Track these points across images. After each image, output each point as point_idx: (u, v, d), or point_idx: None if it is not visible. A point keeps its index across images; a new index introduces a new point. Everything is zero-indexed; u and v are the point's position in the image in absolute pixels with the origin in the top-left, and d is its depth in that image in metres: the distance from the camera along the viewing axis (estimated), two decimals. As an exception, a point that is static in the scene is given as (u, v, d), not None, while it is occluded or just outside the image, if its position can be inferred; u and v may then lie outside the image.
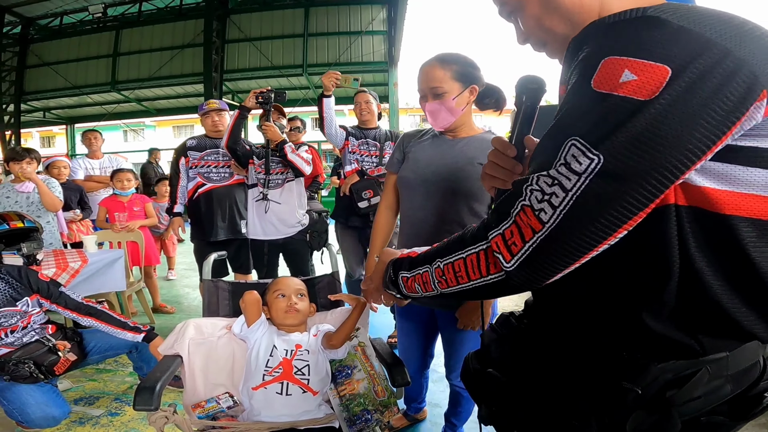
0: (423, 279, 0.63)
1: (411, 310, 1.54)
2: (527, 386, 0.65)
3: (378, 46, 9.78)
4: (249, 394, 1.24)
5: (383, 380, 1.26)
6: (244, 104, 2.36)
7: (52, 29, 10.75)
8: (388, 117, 10.50)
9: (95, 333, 1.93)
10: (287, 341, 1.30)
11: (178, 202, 2.72)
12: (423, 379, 1.77)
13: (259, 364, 1.25)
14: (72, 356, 1.79)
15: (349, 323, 1.30)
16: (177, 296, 3.93)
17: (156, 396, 1.05)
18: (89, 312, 1.81)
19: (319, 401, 1.26)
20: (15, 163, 2.71)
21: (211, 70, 9.54)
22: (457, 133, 1.38)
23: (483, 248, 0.55)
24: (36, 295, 1.77)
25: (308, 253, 2.60)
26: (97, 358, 1.93)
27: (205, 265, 1.56)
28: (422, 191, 1.32)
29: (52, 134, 19.82)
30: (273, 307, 1.37)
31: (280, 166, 2.47)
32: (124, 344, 1.90)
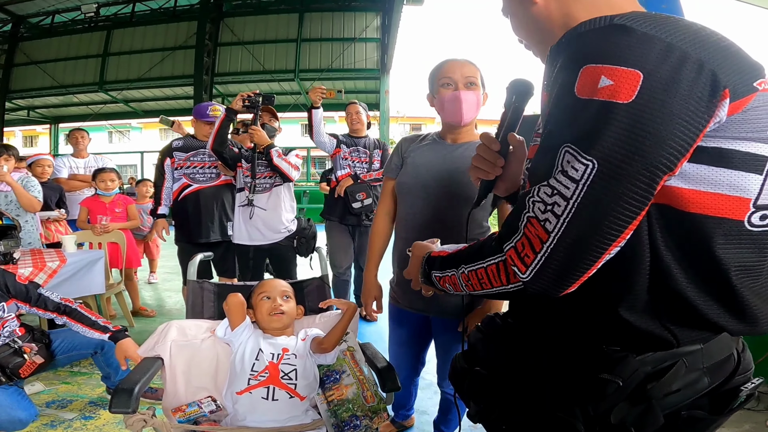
0: (452, 281, 0.68)
1: (404, 317, 1.52)
2: (512, 382, 0.67)
3: (371, 53, 9.85)
4: (233, 398, 1.20)
5: (372, 386, 1.23)
6: (231, 107, 2.31)
7: (42, 28, 10.63)
8: (378, 125, 10.54)
9: (60, 333, 1.87)
10: (273, 345, 1.27)
11: (163, 203, 2.65)
12: (412, 386, 1.75)
13: (244, 368, 1.22)
14: (39, 359, 1.73)
15: (340, 326, 1.28)
16: (158, 299, 3.84)
17: (134, 398, 1.01)
18: (66, 311, 1.75)
19: (306, 406, 1.22)
20: None
21: (202, 73, 9.50)
22: (458, 138, 1.37)
23: (501, 260, 0.58)
24: (12, 300, 1.70)
25: (295, 258, 2.55)
26: (63, 359, 1.86)
27: (191, 266, 1.52)
28: (422, 196, 1.30)
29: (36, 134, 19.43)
30: (258, 310, 1.33)
31: (268, 170, 2.42)
32: (88, 344, 1.83)
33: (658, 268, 0.53)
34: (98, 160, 3.82)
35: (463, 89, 1.25)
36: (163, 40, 10.17)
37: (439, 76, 1.28)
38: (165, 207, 2.66)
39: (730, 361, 0.60)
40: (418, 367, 1.67)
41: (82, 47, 10.52)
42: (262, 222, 2.40)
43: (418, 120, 21.02)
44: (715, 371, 0.58)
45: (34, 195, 2.74)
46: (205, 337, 1.34)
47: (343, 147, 2.89)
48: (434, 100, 1.33)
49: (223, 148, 2.36)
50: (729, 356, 0.59)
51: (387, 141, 10.09)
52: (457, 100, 1.25)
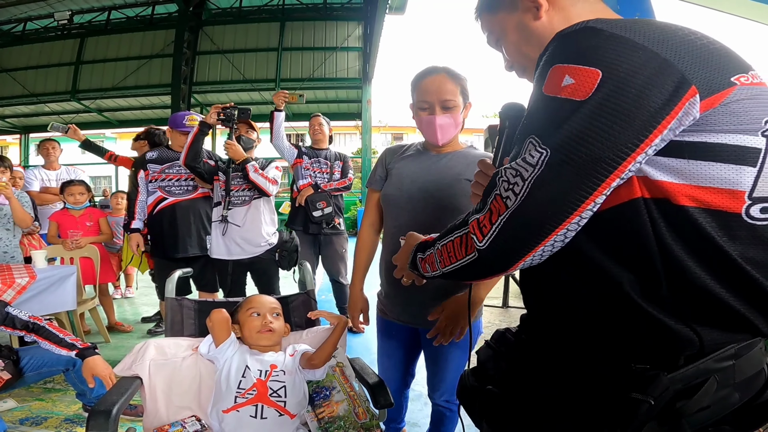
0: (430, 260, 0.70)
1: (392, 329, 1.49)
2: (530, 402, 0.65)
3: (353, 62, 9.84)
4: (219, 417, 1.15)
5: (364, 401, 1.20)
6: (205, 120, 2.24)
7: (14, 35, 10.26)
8: (361, 134, 10.54)
9: (29, 350, 1.80)
10: (261, 361, 1.22)
11: (136, 217, 2.56)
12: (403, 399, 1.71)
13: (230, 386, 1.16)
14: (5, 375, 1.66)
15: (330, 341, 1.24)
16: (135, 314, 3.70)
17: (112, 420, 0.97)
18: (34, 329, 1.67)
19: (297, 425, 1.18)
20: None
21: (180, 82, 9.29)
22: (442, 149, 1.36)
23: (465, 232, 0.61)
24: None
25: (277, 272, 2.49)
26: (33, 376, 1.79)
27: (169, 283, 1.45)
28: (409, 208, 1.28)
29: (5, 144, 18.69)
30: (246, 326, 1.28)
31: (246, 183, 2.36)
32: (58, 361, 1.76)
33: (671, 264, 0.52)
34: (70, 171, 3.69)
35: (439, 113, 1.24)
36: (140, 48, 9.92)
37: (417, 96, 1.27)
38: (139, 221, 2.56)
39: (761, 376, 0.59)
40: (408, 380, 1.64)
41: (54, 55, 10.17)
42: (240, 236, 2.34)
43: (400, 129, 21.16)
44: (746, 386, 0.57)
45: (28, 211, 2.67)
46: (186, 356, 1.28)
47: (305, 158, 3.02)
48: (415, 116, 1.33)
49: (197, 162, 2.28)
50: (760, 371, 0.58)
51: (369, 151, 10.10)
52: (432, 124, 1.25)
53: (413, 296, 1.35)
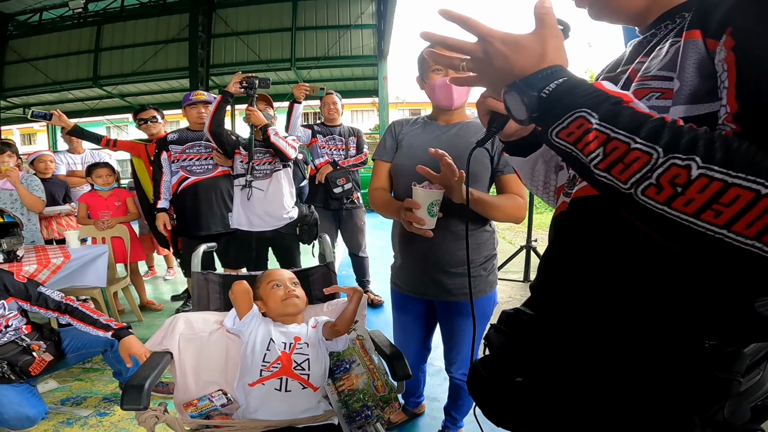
0: (626, 157, 0.44)
1: (407, 302, 1.51)
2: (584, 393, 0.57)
3: (367, 39, 9.68)
4: (245, 390, 1.18)
5: (383, 375, 1.22)
6: (227, 89, 2.30)
7: (31, 25, 10.44)
8: (378, 111, 10.45)
9: (70, 331, 1.87)
10: (285, 334, 1.24)
11: (162, 197, 2.63)
12: (421, 373, 1.75)
13: (256, 359, 1.19)
14: (48, 356, 1.74)
15: (350, 308, 1.25)
16: (166, 293, 3.83)
17: (145, 395, 0.99)
18: (67, 310, 1.74)
19: (319, 397, 1.21)
20: None
21: (197, 65, 9.36)
22: (451, 119, 1.37)
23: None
24: (12, 298, 1.70)
25: (298, 246, 2.55)
26: (73, 357, 1.87)
27: (194, 257, 1.48)
28: (420, 177, 1.28)
29: (33, 131, 19.36)
30: (270, 299, 1.30)
31: (267, 156, 2.41)
32: (96, 342, 1.83)
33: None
34: (95, 155, 3.80)
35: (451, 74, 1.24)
36: (156, 33, 9.97)
37: (429, 62, 1.26)
38: (165, 201, 2.64)
39: None
40: (425, 354, 1.67)
41: (73, 43, 10.32)
42: (263, 208, 2.40)
43: (417, 105, 20.83)
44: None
45: (38, 195, 2.72)
46: (213, 330, 1.32)
47: (319, 137, 3.06)
48: (424, 84, 1.31)
49: (220, 129, 2.35)
50: None
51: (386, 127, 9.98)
52: (447, 86, 1.25)
53: (428, 268, 1.37)
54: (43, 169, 3.17)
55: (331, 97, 3.11)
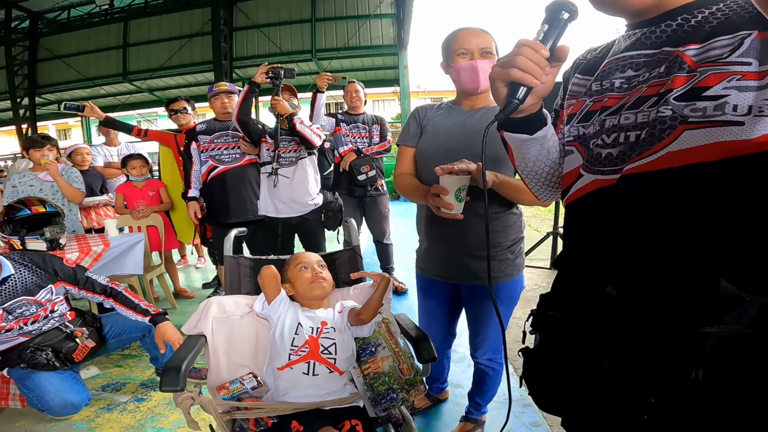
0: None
1: (432, 287, 1.51)
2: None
3: (387, 29, 9.62)
4: (275, 374, 1.22)
5: (408, 358, 1.22)
6: (254, 79, 2.35)
7: (60, 23, 10.77)
8: (399, 100, 10.39)
9: (111, 317, 1.92)
10: (312, 318, 1.27)
11: (192, 186, 2.71)
12: (445, 358, 1.77)
13: (285, 343, 1.22)
14: (90, 342, 1.78)
15: (377, 296, 1.26)
16: (197, 281, 3.97)
17: (182, 376, 1.02)
18: (112, 294, 1.79)
19: (345, 381, 1.23)
20: (35, 151, 2.68)
21: (221, 58, 9.50)
22: (475, 104, 1.36)
23: None
24: (60, 283, 1.75)
25: (323, 233, 2.60)
26: (114, 343, 1.92)
27: (226, 242, 1.52)
28: (447, 160, 1.27)
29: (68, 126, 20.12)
30: (298, 281, 1.32)
31: (293, 144, 2.46)
32: (136, 327, 1.88)
33: None
34: (129, 147, 3.93)
35: (479, 59, 1.25)
36: (180, 28, 10.16)
37: (454, 46, 1.27)
38: (195, 190, 2.72)
39: None
40: (450, 339, 1.67)
41: (102, 40, 10.63)
42: (288, 195, 2.45)
43: (439, 94, 20.52)
44: None
45: (77, 186, 2.81)
46: (244, 314, 1.35)
47: (342, 125, 3.11)
48: (449, 68, 1.31)
49: (248, 119, 2.42)
50: None
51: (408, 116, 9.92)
52: (473, 69, 1.25)
53: (454, 251, 1.37)
54: (80, 162, 3.30)
55: (354, 85, 3.15)
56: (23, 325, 1.67)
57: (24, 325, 1.67)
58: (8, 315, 1.62)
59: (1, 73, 10.84)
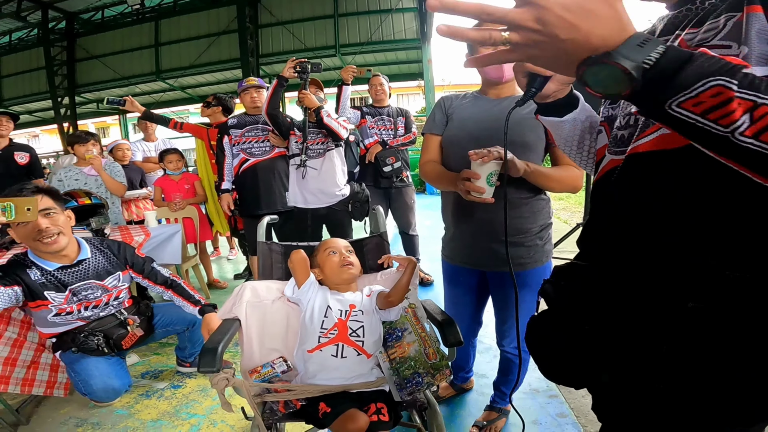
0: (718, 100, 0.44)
1: (459, 274, 1.52)
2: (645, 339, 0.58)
3: (409, 23, 9.60)
4: (304, 357, 1.25)
5: (434, 342, 1.23)
6: (282, 74, 2.42)
7: (95, 23, 11.19)
8: (424, 94, 10.34)
9: (162, 307, 1.98)
10: (341, 301, 1.30)
11: (225, 179, 2.81)
12: (471, 347, 1.77)
13: (314, 326, 1.25)
14: (139, 331, 1.85)
15: (404, 279, 1.28)
16: (229, 272, 4.10)
17: (218, 358, 1.06)
18: (172, 285, 1.85)
19: (372, 365, 1.25)
20: (80, 146, 2.83)
21: (248, 55, 9.71)
22: (501, 93, 1.37)
23: None
24: (128, 271, 1.82)
25: (350, 223, 2.66)
26: (160, 333, 1.97)
27: (259, 228, 1.57)
28: (474, 147, 1.27)
29: (106, 125, 20.97)
30: (327, 266, 1.36)
31: (320, 136, 2.52)
32: (182, 320, 1.94)
33: None
34: (167, 143, 4.09)
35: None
36: (207, 26, 10.42)
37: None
38: (228, 182, 2.82)
39: None
40: (476, 328, 1.68)
41: (135, 39, 11.00)
42: (316, 186, 2.51)
43: (464, 87, 20.22)
44: None
45: (120, 180, 2.95)
46: (276, 298, 1.39)
47: (368, 117, 3.16)
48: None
49: (277, 112, 2.49)
50: None
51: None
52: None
53: (480, 238, 1.38)
54: (120, 157, 3.47)
55: (378, 78, 3.19)
56: (84, 309, 1.72)
57: (85, 309, 1.73)
58: (73, 296, 1.68)
59: (41, 73, 11.40)
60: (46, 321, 1.68)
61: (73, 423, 1.81)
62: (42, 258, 1.64)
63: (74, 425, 1.80)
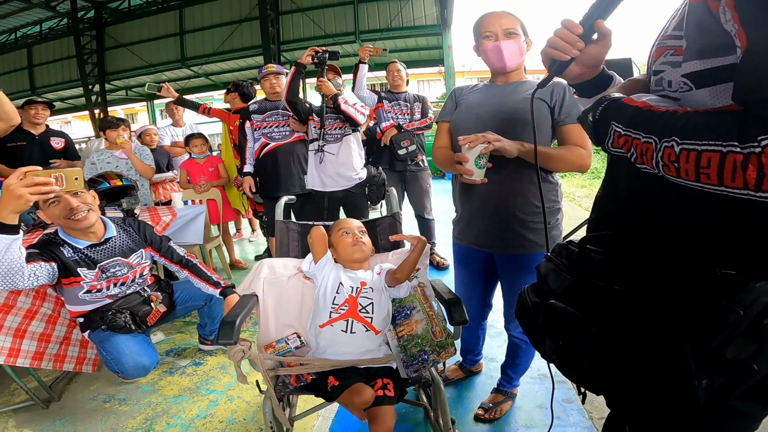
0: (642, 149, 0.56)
1: (468, 256, 1.54)
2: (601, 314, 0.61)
3: (429, 9, 9.49)
4: (316, 332, 1.30)
5: (441, 321, 1.26)
6: (300, 61, 2.47)
7: (122, 12, 11.46)
8: (444, 80, 10.23)
9: (180, 284, 2.05)
10: (353, 278, 1.34)
11: (247, 162, 2.90)
12: (480, 330, 1.79)
13: (327, 302, 1.30)
14: (162, 308, 1.90)
15: (412, 257, 1.31)
16: (250, 253, 4.23)
17: (236, 330, 1.11)
18: (187, 265, 1.93)
19: (380, 341, 1.29)
20: (112, 131, 2.97)
21: (269, 42, 9.79)
22: (509, 79, 1.40)
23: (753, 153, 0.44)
24: (149, 248, 1.90)
25: (367, 206, 2.72)
26: (180, 309, 2.03)
27: (277, 208, 1.63)
28: (479, 128, 1.31)
29: (135, 111, 21.53)
30: (340, 245, 1.40)
31: (338, 122, 2.57)
32: (200, 296, 2.00)
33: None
34: (193, 128, 4.22)
35: (503, 39, 1.30)
36: (230, 13, 10.53)
37: (480, 30, 1.33)
38: (249, 165, 2.91)
39: None
40: (485, 311, 1.70)
41: (161, 27, 11.24)
42: (334, 169, 2.57)
43: (485, 74, 19.71)
44: None
45: (148, 163, 3.08)
46: (292, 275, 1.45)
47: (385, 102, 3.22)
48: (479, 51, 1.37)
49: (297, 99, 2.56)
50: None
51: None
52: (497, 49, 1.31)
53: (486, 219, 1.41)
54: (149, 142, 3.61)
55: (395, 65, 3.25)
56: (112, 286, 1.79)
57: (113, 286, 1.80)
58: (102, 273, 1.75)
59: (72, 61, 11.79)
60: (77, 298, 1.75)
61: (102, 399, 1.91)
62: (72, 236, 1.71)
63: (102, 401, 1.90)
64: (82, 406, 1.88)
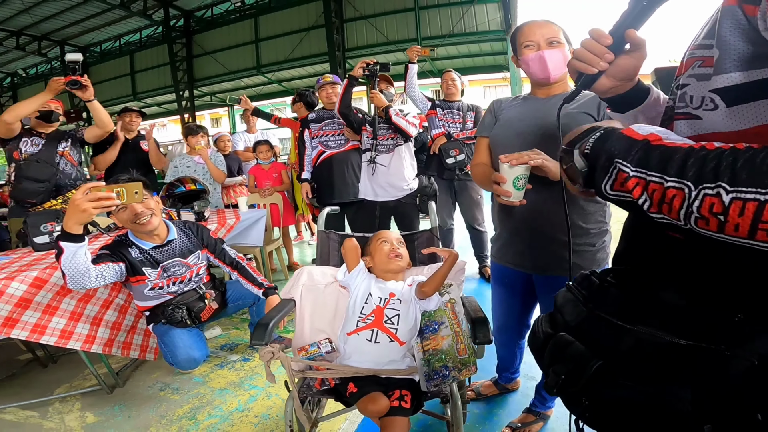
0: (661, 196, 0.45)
1: (506, 275, 1.51)
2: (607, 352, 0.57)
3: (493, 14, 9.28)
4: (344, 339, 1.33)
5: (467, 338, 1.26)
6: (352, 74, 2.56)
7: (206, 20, 12.40)
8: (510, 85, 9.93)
9: (232, 284, 2.20)
10: (383, 289, 1.36)
11: (305, 169, 3.07)
12: (517, 349, 1.74)
13: (356, 311, 1.34)
14: (215, 304, 2.00)
15: (441, 272, 1.30)
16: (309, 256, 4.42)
17: (268, 332, 1.16)
18: (237, 267, 2.07)
19: (405, 352, 1.29)
20: (192, 137, 3.32)
21: (334, 50, 10.11)
22: (551, 91, 1.33)
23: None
24: (205, 250, 2.06)
25: (417, 215, 2.74)
26: (231, 307, 2.13)
27: (320, 218, 1.68)
28: (517, 144, 1.27)
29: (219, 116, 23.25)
30: (377, 254, 1.43)
31: (390, 132, 2.63)
32: (249, 295, 2.13)
33: None
34: (264, 134, 4.53)
35: (546, 48, 1.23)
36: (298, 21, 11.02)
37: (520, 39, 1.28)
38: (307, 172, 3.07)
39: None
40: (523, 330, 1.65)
41: (239, 35, 12.00)
42: (385, 179, 2.64)
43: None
44: None
45: (222, 169, 3.39)
46: (329, 283, 1.52)
47: (438, 110, 3.20)
48: (519, 61, 1.31)
49: (349, 110, 2.65)
50: None
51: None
52: (541, 59, 1.24)
53: (524, 240, 1.36)
54: (222, 147, 3.95)
55: (450, 74, 3.23)
56: (172, 284, 1.92)
57: (173, 284, 1.92)
58: (164, 272, 1.88)
59: (166, 68, 12.99)
60: (143, 295, 1.90)
61: (159, 387, 2.07)
62: (139, 238, 1.86)
63: (159, 389, 2.05)
64: (141, 393, 2.03)
